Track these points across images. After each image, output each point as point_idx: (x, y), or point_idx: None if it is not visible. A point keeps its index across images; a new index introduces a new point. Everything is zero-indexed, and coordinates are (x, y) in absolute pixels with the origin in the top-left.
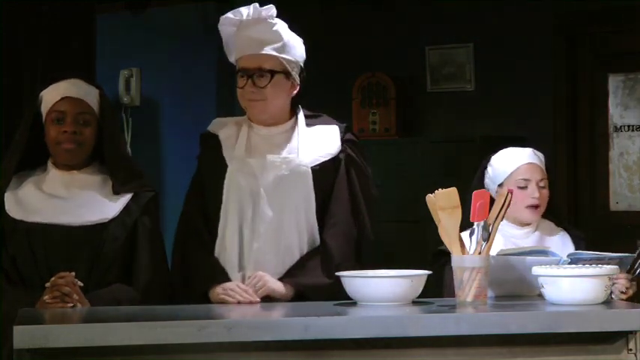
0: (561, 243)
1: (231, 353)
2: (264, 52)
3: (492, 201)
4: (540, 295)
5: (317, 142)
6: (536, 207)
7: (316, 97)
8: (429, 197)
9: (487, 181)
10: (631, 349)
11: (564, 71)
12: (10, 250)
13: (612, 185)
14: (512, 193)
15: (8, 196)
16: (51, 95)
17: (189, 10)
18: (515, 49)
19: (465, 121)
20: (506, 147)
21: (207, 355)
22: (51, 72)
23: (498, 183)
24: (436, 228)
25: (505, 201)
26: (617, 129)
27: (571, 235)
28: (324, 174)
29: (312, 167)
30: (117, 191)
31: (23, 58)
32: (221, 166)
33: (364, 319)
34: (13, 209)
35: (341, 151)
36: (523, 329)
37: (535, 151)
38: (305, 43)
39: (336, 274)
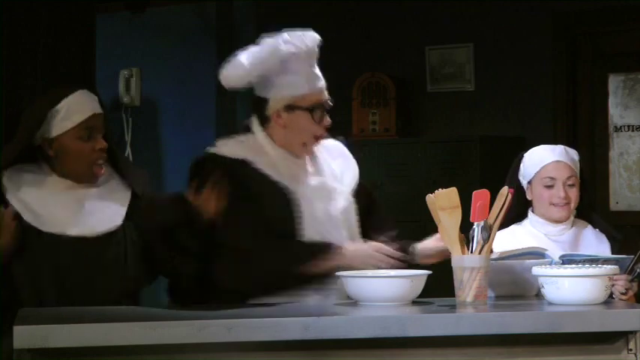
0: (597, 242)
1: (231, 353)
2: (324, 84)
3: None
4: (539, 295)
5: (343, 164)
6: (563, 205)
7: None
8: (429, 197)
9: (520, 177)
10: (631, 349)
11: (564, 71)
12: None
13: (612, 185)
14: (512, 194)
15: (12, 197)
16: (77, 110)
17: (188, 10)
18: (515, 49)
19: (465, 121)
20: (506, 147)
21: (207, 355)
22: (51, 72)
23: (527, 180)
24: (436, 228)
25: (505, 201)
26: (617, 129)
27: (607, 235)
28: (357, 195)
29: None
30: (138, 194)
31: (23, 57)
32: (276, 191)
33: (364, 319)
34: (25, 213)
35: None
36: (523, 329)
37: (567, 148)
38: None
39: (336, 273)
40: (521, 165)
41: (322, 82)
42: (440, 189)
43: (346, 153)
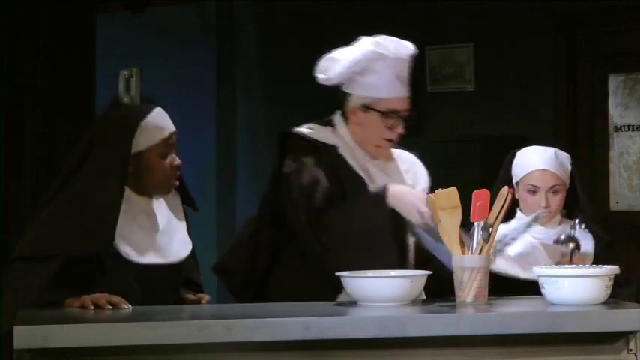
0: (582, 243)
1: (231, 353)
2: (406, 95)
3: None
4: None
5: (415, 176)
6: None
7: (317, 97)
8: (429, 197)
9: (512, 174)
10: (631, 349)
11: (564, 71)
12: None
13: (612, 185)
14: (512, 194)
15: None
16: (160, 128)
17: (188, 10)
18: (515, 49)
19: (465, 121)
20: (506, 147)
21: (207, 355)
22: (51, 72)
23: (515, 182)
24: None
25: (505, 201)
26: (617, 129)
27: (594, 237)
28: None
29: None
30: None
31: (23, 58)
32: (359, 185)
33: (364, 319)
34: (123, 247)
35: None
36: (523, 329)
37: (559, 153)
38: (306, 43)
39: (337, 273)
40: (513, 164)
41: (404, 92)
42: (440, 189)
43: (418, 165)
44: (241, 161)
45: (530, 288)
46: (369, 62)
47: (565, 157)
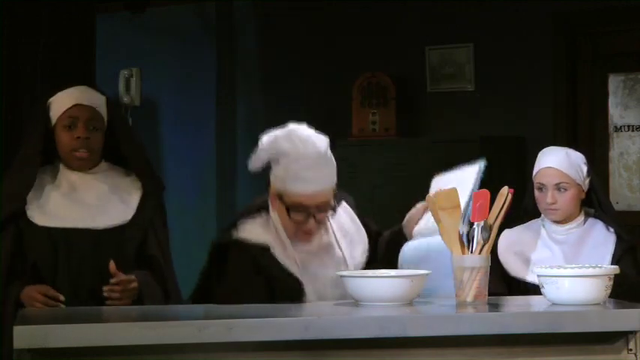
0: (603, 242)
1: (231, 353)
2: (324, 188)
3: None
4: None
5: (354, 238)
6: (551, 210)
7: (317, 97)
8: (429, 197)
9: None
10: (631, 349)
11: (564, 71)
12: (31, 257)
13: (612, 185)
14: (512, 194)
15: (29, 202)
16: (62, 102)
17: (188, 10)
18: (515, 49)
19: (465, 121)
20: (506, 147)
21: (207, 355)
22: (51, 72)
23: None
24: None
25: (505, 201)
26: (617, 129)
27: (618, 238)
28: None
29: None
30: (148, 191)
31: (23, 58)
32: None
33: (364, 319)
34: (36, 216)
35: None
36: (523, 329)
37: (570, 152)
38: (306, 43)
39: (337, 273)
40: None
41: (312, 188)
42: (440, 189)
43: (355, 223)
44: (241, 161)
45: None
46: (274, 154)
47: (578, 156)
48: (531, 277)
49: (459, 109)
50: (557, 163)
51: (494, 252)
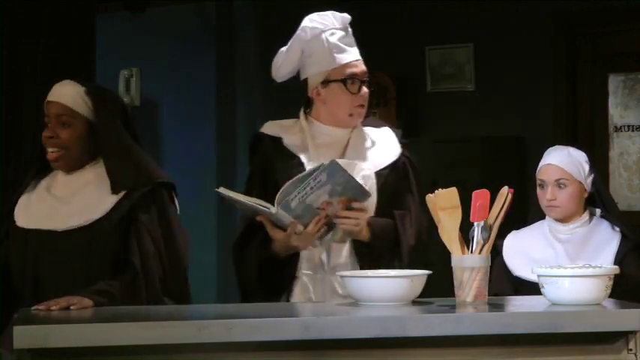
0: (607, 242)
1: (231, 353)
2: (356, 58)
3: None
4: None
5: (379, 146)
6: (551, 206)
7: None
8: (429, 197)
9: None
10: (631, 349)
11: (564, 71)
12: (10, 259)
13: (612, 185)
14: (512, 194)
15: (21, 202)
16: (46, 102)
17: (188, 10)
18: (515, 49)
19: (465, 121)
20: (506, 147)
21: (207, 355)
22: (51, 72)
23: None
24: (436, 227)
25: (505, 201)
26: (617, 129)
27: (623, 237)
28: (386, 177)
29: (376, 172)
30: (115, 190)
31: (23, 58)
32: (294, 167)
33: (364, 319)
34: (20, 216)
35: (401, 155)
36: (523, 329)
37: (571, 150)
38: None
39: (337, 273)
40: None
41: (353, 55)
42: (440, 189)
43: (390, 139)
44: (241, 161)
45: None
46: (307, 42)
47: (580, 154)
48: (535, 277)
49: (459, 109)
50: (558, 160)
51: (499, 253)
